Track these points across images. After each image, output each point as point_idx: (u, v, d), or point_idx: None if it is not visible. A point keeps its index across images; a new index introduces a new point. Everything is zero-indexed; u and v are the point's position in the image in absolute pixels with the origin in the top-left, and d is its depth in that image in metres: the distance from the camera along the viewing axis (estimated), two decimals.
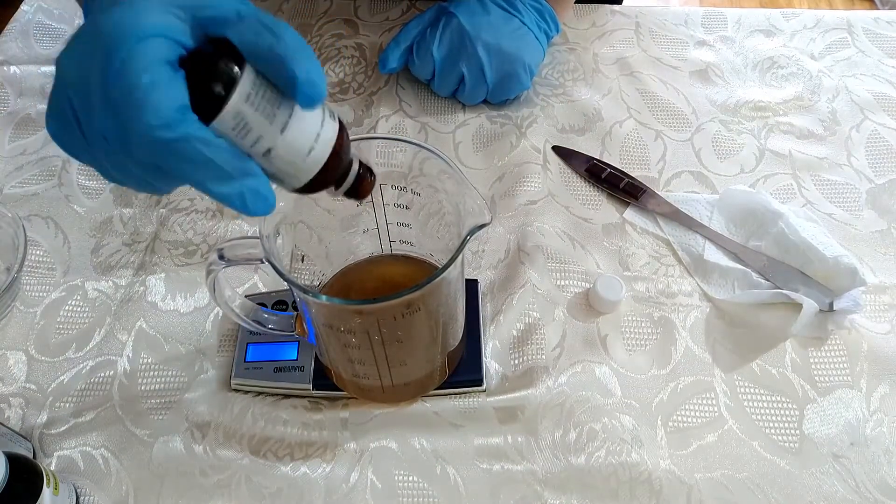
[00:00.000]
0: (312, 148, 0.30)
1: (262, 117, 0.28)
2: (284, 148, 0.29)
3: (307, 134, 0.30)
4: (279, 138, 0.29)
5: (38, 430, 0.50)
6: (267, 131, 0.29)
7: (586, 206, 0.61)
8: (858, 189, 0.62)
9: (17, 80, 0.72)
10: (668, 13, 0.77)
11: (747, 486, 0.46)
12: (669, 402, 0.50)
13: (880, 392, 0.50)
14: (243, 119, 0.28)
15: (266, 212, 0.30)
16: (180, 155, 0.27)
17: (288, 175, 0.31)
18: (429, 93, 0.69)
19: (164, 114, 0.27)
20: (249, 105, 0.28)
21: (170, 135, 0.27)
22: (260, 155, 0.29)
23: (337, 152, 0.31)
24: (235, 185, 0.29)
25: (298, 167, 0.30)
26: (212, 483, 0.47)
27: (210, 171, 0.28)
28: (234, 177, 0.28)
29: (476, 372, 0.50)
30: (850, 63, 0.71)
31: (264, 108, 0.28)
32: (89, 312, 0.55)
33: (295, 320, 0.46)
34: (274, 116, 0.29)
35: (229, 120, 0.28)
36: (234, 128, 0.28)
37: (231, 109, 0.28)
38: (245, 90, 0.28)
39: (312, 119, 0.30)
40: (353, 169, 0.33)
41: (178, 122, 0.27)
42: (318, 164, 0.30)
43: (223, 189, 0.29)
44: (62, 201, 0.62)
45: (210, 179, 0.28)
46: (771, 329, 0.53)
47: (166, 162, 0.28)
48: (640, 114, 0.68)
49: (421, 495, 0.46)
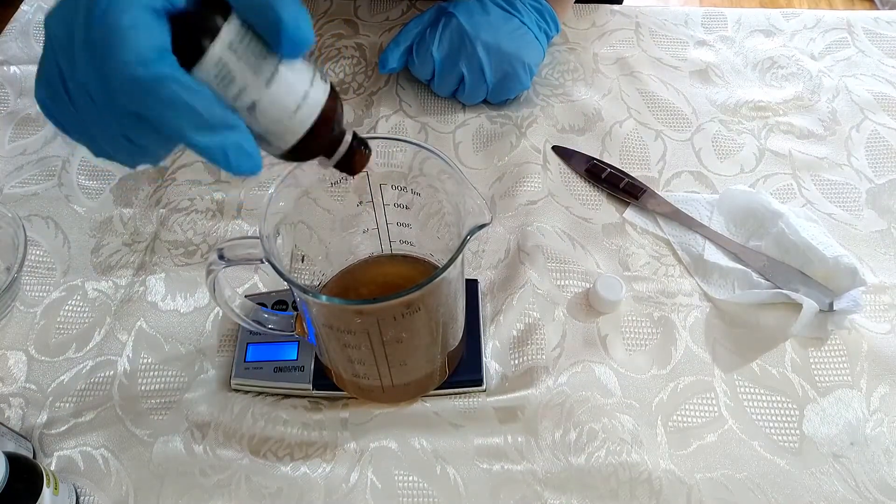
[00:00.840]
0: (300, 106, 0.29)
1: (246, 67, 0.28)
2: (270, 102, 0.28)
3: (295, 90, 0.29)
4: (264, 91, 0.28)
5: (38, 430, 0.50)
6: (251, 82, 0.28)
7: (586, 206, 0.61)
8: (858, 189, 0.62)
9: (17, 80, 0.72)
10: (668, 13, 0.77)
11: (747, 486, 0.47)
12: (669, 402, 0.50)
13: (880, 392, 0.50)
14: (226, 67, 0.27)
15: (251, 170, 0.29)
16: (158, 97, 0.27)
17: (275, 135, 0.29)
18: (429, 93, 0.69)
19: (140, 52, 0.26)
20: (233, 53, 0.27)
21: (146, 72, 0.26)
22: (245, 109, 0.28)
23: (327, 115, 0.30)
24: (217, 137, 0.28)
25: (285, 125, 0.29)
26: (212, 483, 0.47)
27: (190, 117, 0.27)
28: (217, 127, 0.28)
29: (476, 372, 0.50)
30: (850, 63, 0.71)
31: (249, 58, 0.28)
32: (89, 312, 0.55)
33: (295, 320, 0.46)
34: (259, 68, 0.28)
35: (211, 67, 0.27)
36: (216, 76, 0.28)
37: (213, 56, 0.27)
38: (228, 38, 0.27)
39: (301, 76, 0.29)
40: (346, 140, 0.32)
41: (154, 60, 0.26)
42: (306, 123, 0.29)
43: (204, 140, 0.28)
44: (62, 201, 0.62)
45: (190, 127, 0.27)
46: (771, 329, 0.53)
47: (144, 106, 0.27)
48: (640, 114, 0.68)
49: (421, 495, 0.46)
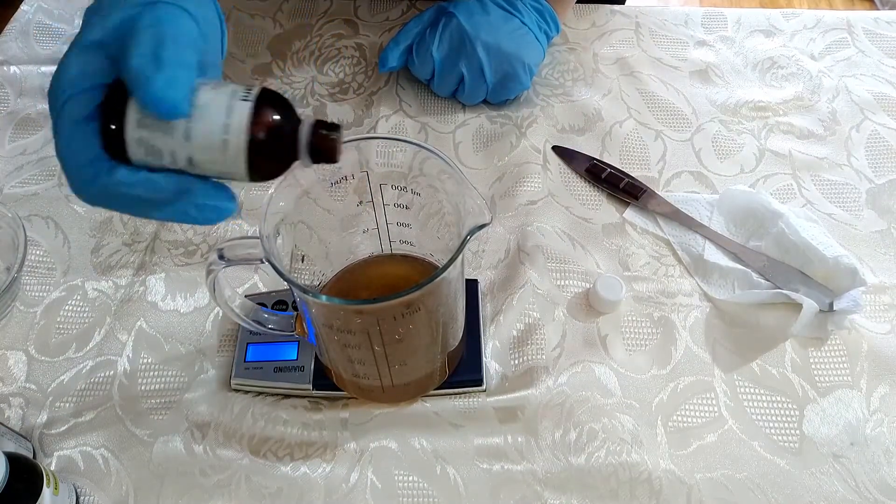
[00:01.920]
0: (226, 140, 0.29)
1: (161, 134, 0.28)
2: (200, 152, 0.29)
3: (213, 129, 0.29)
4: (188, 145, 0.29)
5: (38, 430, 0.50)
6: (174, 145, 0.29)
7: (586, 206, 0.61)
8: (858, 189, 0.62)
9: (17, 80, 0.72)
10: (668, 13, 0.77)
11: (747, 486, 0.46)
12: (669, 402, 0.50)
13: (880, 392, 0.50)
14: (147, 143, 0.28)
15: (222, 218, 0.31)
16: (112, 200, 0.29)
17: (226, 172, 0.30)
18: (429, 93, 0.69)
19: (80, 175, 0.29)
20: (143, 129, 0.28)
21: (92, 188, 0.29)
22: (187, 166, 0.29)
23: (259, 129, 0.29)
24: (175, 208, 0.30)
25: (226, 161, 0.29)
26: (212, 483, 0.47)
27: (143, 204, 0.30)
28: (170, 200, 0.29)
29: (476, 372, 0.50)
30: (850, 63, 0.71)
31: (159, 125, 0.28)
32: (89, 312, 0.55)
33: (295, 320, 0.46)
34: (171, 129, 0.28)
35: (138, 150, 0.29)
36: (146, 154, 0.29)
37: (131, 140, 0.28)
38: (133, 118, 0.28)
39: (214, 113, 0.29)
40: (303, 134, 0.31)
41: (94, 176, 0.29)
42: (241, 150, 0.29)
43: (164, 214, 0.30)
44: (62, 201, 0.62)
45: (149, 210, 0.30)
46: (771, 329, 0.53)
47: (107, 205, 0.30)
48: (640, 114, 0.68)
49: (421, 495, 0.46)
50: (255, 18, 0.77)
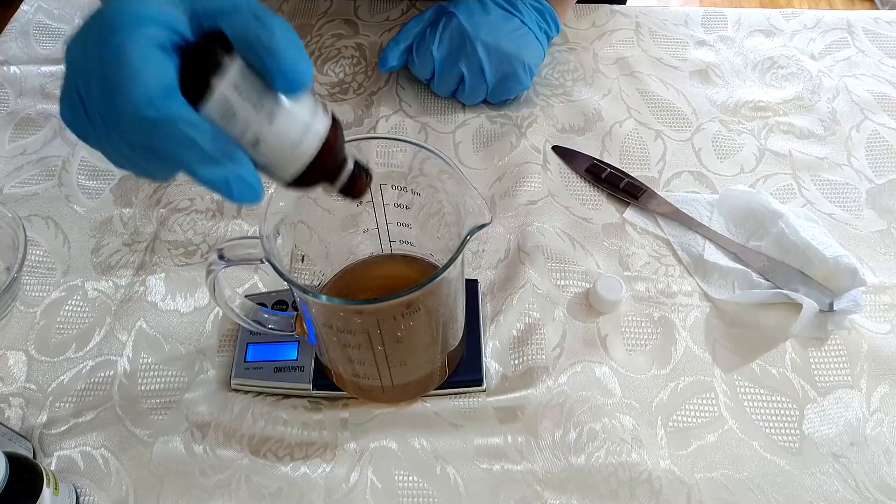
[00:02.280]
0: (301, 141, 0.30)
1: (248, 105, 0.29)
2: (272, 138, 0.29)
3: (296, 125, 0.30)
4: (267, 128, 0.29)
5: (38, 430, 0.50)
6: (254, 120, 0.29)
7: (586, 206, 0.61)
8: (858, 189, 0.62)
9: (17, 80, 0.72)
10: (668, 13, 0.77)
11: (747, 486, 0.47)
12: (669, 402, 0.50)
13: (880, 392, 0.50)
14: (230, 106, 0.28)
15: (253, 200, 0.30)
16: (165, 133, 0.28)
17: (278, 167, 0.31)
18: (429, 93, 0.69)
19: (149, 91, 0.27)
20: (236, 93, 0.28)
21: (153, 112, 0.27)
22: (249, 144, 0.29)
23: (328, 147, 0.31)
24: (220, 171, 0.29)
25: (287, 159, 0.30)
26: (212, 483, 0.47)
27: (194, 152, 0.28)
28: (219, 161, 0.29)
29: (476, 372, 0.50)
30: (850, 63, 0.71)
31: (251, 96, 0.29)
32: (89, 312, 0.55)
33: (295, 320, 0.46)
34: (262, 106, 0.29)
35: (216, 107, 0.28)
36: (221, 115, 0.29)
37: (218, 96, 0.28)
38: (232, 78, 0.28)
39: (302, 111, 0.30)
40: (348, 167, 0.33)
41: (162, 99, 0.27)
42: (307, 156, 0.30)
43: (208, 173, 0.29)
44: (62, 201, 0.62)
45: (195, 162, 0.29)
46: (771, 329, 0.53)
47: (153, 141, 0.28)
48: (640, 114, 0.68)
49: (421, 495, 0.46)
50: None
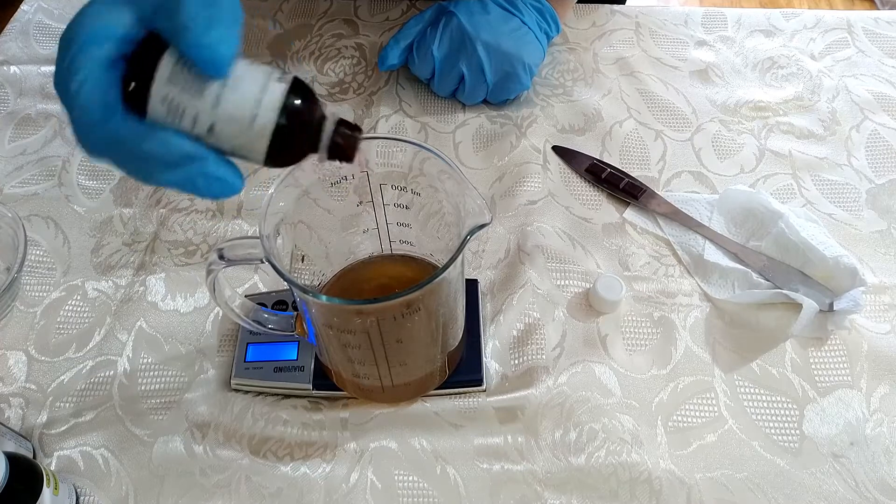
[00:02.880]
0: (256, 115, 0.29)
1: (190, 95, 0.28)
2: (225, 120, 0.28)
3: (245, 101, 0.28)
4: (215, 112, 0.28)
5: (38, 430, 0.50)
6: (200, 107, 0.28)
7: (586, 206, 0.61)
8: (858, 189, 0.62)
9: (17, 80, 0.72)
10: (668, 13, 0.77)
11: (747, 486, 0.47)
12: (669, 402, 0.50)
13: (880, 392, 0.50)
14: (172, 101, 0.28)
15: (226, 193, 0.30)
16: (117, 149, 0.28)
17: (244, 148, 0.29)
18: (429, 93, 0.69)
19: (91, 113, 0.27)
20: (173, 86, 0.28)
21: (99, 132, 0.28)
22: (206, 133, 0.29)
23: (291, 115, 0.29)
24: (181, 172, 0.29)
25: (248, 137, 0.29)
26: (212, 483, 0.47)
27: (150, 162, 0.28)
28: (179, 164, 0.28)
29: (476, 372, 0.50)
30: (850, 63, 0.71)
31: (191, 86, 0.28)
32: (89, 312, 0.55)
33: (295, 320, 0.46)
34: (203, 92, 0.28)
35: (159, 105, 0.28)
36: (168, 112, 0.28)
37: (157, 94, 0.28)
38: (166, 73, 0.28)
39: (249, 86, 0.29)
40: (327, 129, 0.31)
41: (102, 121, 0.28)
42: (267, 129, 0.29)
43: (171, 178, 0.29)
44: (62, 201, 0.62)
45: (154, 171, 0.29)
46: (771, 329, 0.53)
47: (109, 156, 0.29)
48: (640, 114, 0.68)
49: (421, 495, 0.46)
50: (255, 18, 0.77)
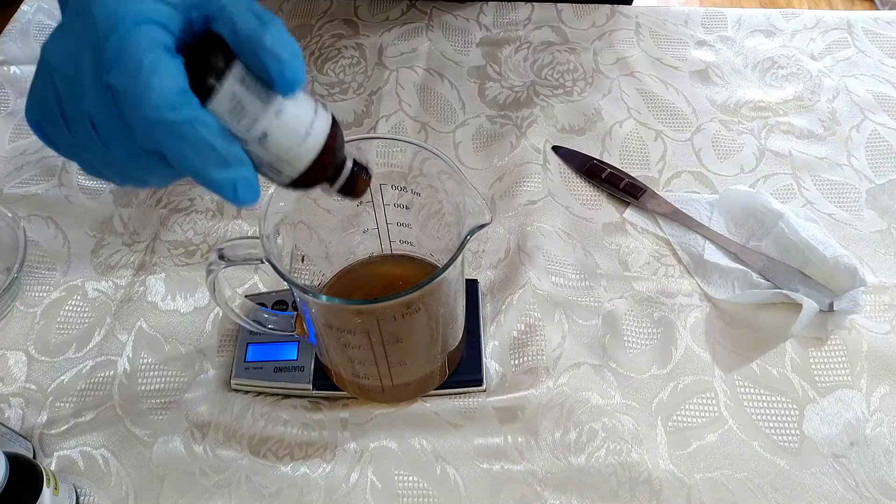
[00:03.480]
0: (308, 133, 0.30)
1: (256, 99, 0.29)
2: (280, 131, 0.29)
3: (302, 119, 0.30)
4: (275, 121, 0.29)
5: (38, 430, 0.50)
6: (262, 114, 0.29)
7: (586, 206, 0.61)
8: (858, 189, 0.62)
9: (17, 80, 0.72)
10: (668, 13, 0.77)
11: (747, 486, 0.47)
12: (669, 402, 0.50)
13: (880, 392, 0.50)
14: (239, 101, 0.28)
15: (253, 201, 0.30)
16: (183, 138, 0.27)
17: (284, 163, 0.30)
18: (429, 92, 0.69)
19: (168, 95, 0.26)
20: (244, 87, 0.28)
21: (175, 116, 0.27)
22: (256, 140, 0.29)
23: (331, 142, 0.31)
24: (230, 173, 0.28)
25: (294, 154, 0.30)
26: (212, 483, 0.47)
27: (209, 156, 0.28)
28: (230, 164, 0.28)
29: (476, 372, 0.50)
30: (850, 63, 0.71)
31: (258, 90, 0.29)
32: (89, 312, 0.55)
33: (295, 320, 0.46)
34: (269, 99, 0.29)
35: (226, 102, 0.28)
36: (230, 110, 0.28)
37: (227, 90, 0.28)
38: (238, 74, 0.28)
39: (306, 106, 0.30)
40: (348, 166, 0.33)
41: (182, 104, 0.27)
42: (314, 151, 0.30)
43: (218, 176, 0.28)
44: (62, 201, 0.62)
45: (207, 166, 0.28)
46: (771, 329, 0.53)
47: (167, 146, 0.28)
48: (640, 114, 0.68)
49: (421, 495, 0.46)
50: None
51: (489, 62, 0.72)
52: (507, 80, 0.70)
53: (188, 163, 0.28)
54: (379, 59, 0.72)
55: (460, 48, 0.73)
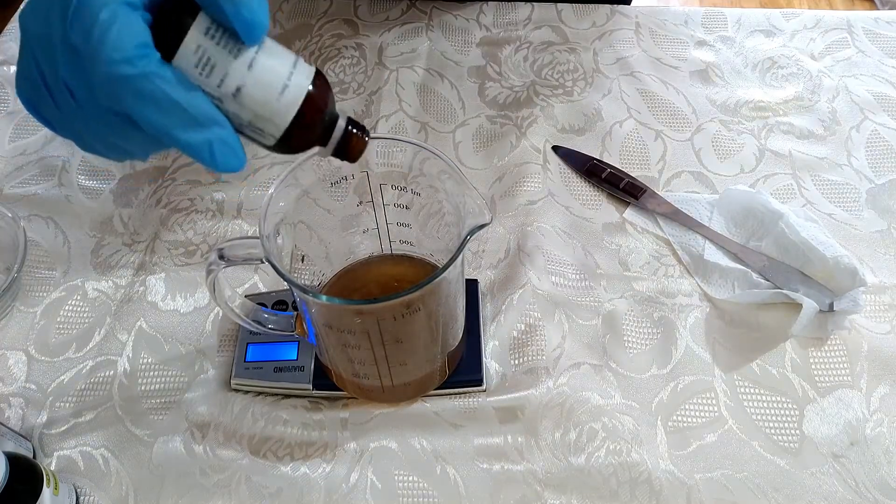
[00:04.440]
0: (286, 86, 0.28)
1: (225, 52, 0.27)
2: (254, 84, 0.28)
3: (278, 72, 0.28)
4: (247, 73, 0.28)
5: (38, 430, 0.50)
6: (233, 67, 0.28)
7: (586, 206, 0.61)
8: (858, 189, 0.62)
9: None
10: (668, 13, 0.77)
11: (747, 486, 0.47)
12: (669, 402, 0.50)
13: (880, 392, 0.50)
14: (205, 54, 0.27)
15: (235, 166, 0.28)
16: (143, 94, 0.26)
17: (264, 119, 0.29)
18: (429, 92, 0.69)
19: (123, 49, 0.26)
20: (210, 39, 0.27)
21: (131, 70, 0.26)
22: (230, 97, 0.28)
23: (315, 97, 0.29)
24: (202, 133, 0.27)
25: (273, 108, 0.28)
26: (212, 483, 0.47)
27: (174, 115, 0.27)
28: (202, 123, 0.27)
29: (476, 372, 0.50)
30: (850, 63, 0.71)
31: (227, 42, 0.27)
32: (89, 312, 0.55)
33: (295, 320, 0.46)
34: (238, 52, 0.28)
35: (191, 55, 0.27)
36: (197, 64, 0.27)
37: (192, 42, 0.27)
38: (204, 24, 0.27)
39: (282, 60, 0.29)
40: (340, 125, 0.31)
41: (138, 57, 0.26)
42: (295, 105, 0.29)
43: (189, 137, 0.27)
44: (62, 201, 0.62)
45: (175, 125, 0.27)
46: (771, 329, 0.53)
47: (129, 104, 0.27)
48: (640, 114, 0.68)
49: (421, 495, 0.46)
50: None
51: (489, 62, 0.72)
52: (507, 80, 0.70)
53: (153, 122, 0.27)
54: (379, 59, 0.72)
55: (460, 48, 0.74)
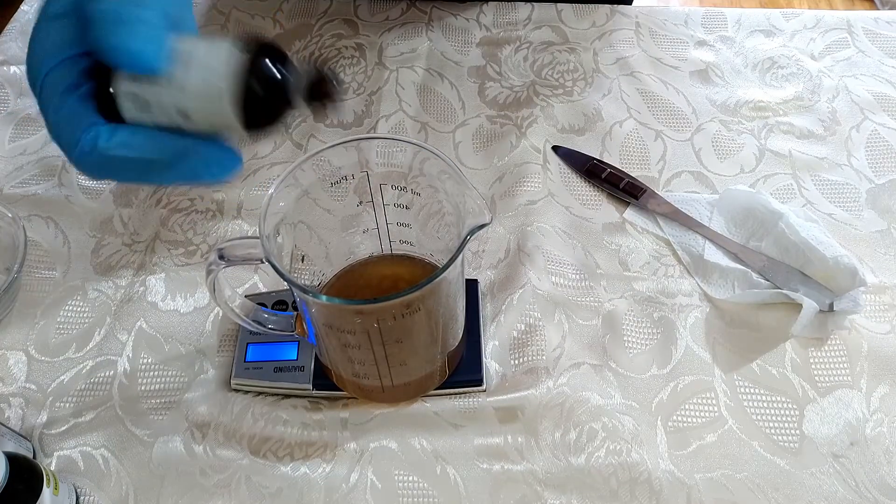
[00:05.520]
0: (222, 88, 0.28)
1: (156, 87, 0.28)
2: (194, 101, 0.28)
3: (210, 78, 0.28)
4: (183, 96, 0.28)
5: (38, 430, 0.50)
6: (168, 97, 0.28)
7: (586, 206, 0.61)
8: (858, 189, 0.62)
9: (17, 80, 0.72)
10: (668, 13, 0.77)
11: (747, 486, 0.47)
12: (669, 402, 0.50)
13: (880, 392, 0.50)
14: (139, 97, 0.28)
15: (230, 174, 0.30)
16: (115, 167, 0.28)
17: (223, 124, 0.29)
18: (429, 92, 0.69)
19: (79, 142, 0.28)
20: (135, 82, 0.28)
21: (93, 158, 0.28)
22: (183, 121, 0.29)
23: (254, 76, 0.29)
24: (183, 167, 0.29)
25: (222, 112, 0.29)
26: (212, 483, 0.47)
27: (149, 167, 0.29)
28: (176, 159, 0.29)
29: (476, 372, 0.50)
30: (850, 63, 0.71)
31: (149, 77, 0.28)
32: (89, 312, 0.55)
33: (295, 320, 0.46)
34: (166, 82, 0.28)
35: (130, 105, 0.28)
36: (140, 109, 0.28)
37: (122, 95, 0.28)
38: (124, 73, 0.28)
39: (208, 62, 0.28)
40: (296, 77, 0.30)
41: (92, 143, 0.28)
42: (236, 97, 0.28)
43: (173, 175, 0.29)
44: (62, 201, 0.62)
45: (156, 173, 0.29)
46: (771, 329, 0.53)
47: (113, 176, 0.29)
48: (640, 114, 0.68)
49: (421, 495, 0.46)
50: (255, 18, 0.77)
51: (489, 62, 0.72)
52: (507, 80, 0.70)
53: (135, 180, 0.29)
54: (379, 59, 0.72)
55: (460, 48, 0.74)
